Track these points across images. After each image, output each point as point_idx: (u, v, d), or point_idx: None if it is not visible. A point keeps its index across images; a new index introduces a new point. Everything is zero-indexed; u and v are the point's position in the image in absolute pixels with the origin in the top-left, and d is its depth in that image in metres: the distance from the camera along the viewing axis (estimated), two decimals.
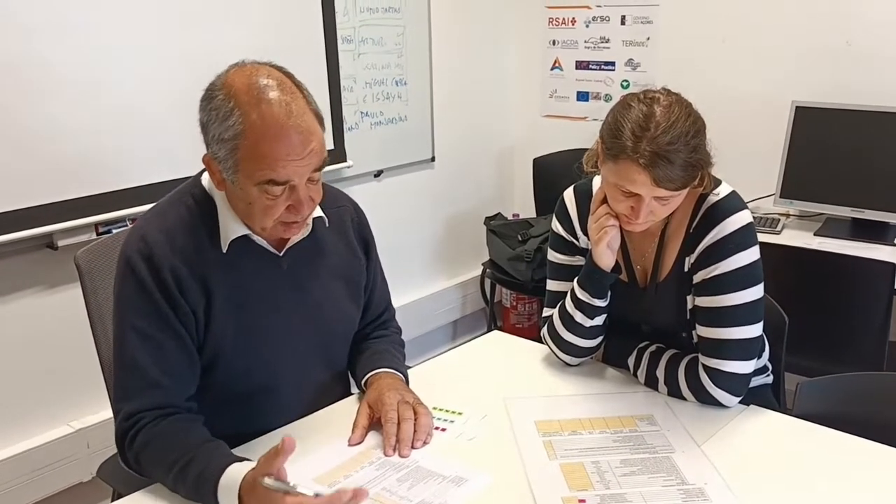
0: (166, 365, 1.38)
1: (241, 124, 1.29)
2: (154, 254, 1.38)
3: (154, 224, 1.42)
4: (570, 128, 3.72)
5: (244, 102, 1.29)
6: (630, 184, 1.46)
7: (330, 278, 1.58)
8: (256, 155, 1.29)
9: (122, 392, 1.40)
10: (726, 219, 1.54)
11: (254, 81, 1.31)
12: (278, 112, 1.29)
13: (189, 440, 1.33)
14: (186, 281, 1.39)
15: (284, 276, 1.50)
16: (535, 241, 3.35)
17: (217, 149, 1.33)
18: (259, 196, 1.33)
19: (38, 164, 2.22)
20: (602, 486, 1.31)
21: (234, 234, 1.43)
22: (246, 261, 1.45)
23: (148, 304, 1.37)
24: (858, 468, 1.37)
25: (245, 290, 1.45)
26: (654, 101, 1.45)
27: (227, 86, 1.32)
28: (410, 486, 1.31)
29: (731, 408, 1.55)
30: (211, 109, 1.32)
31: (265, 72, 1.35)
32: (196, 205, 1.44)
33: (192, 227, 1.42)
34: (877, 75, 2.85)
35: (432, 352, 1.92)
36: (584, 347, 1.70)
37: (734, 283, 1.53)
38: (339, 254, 1.60)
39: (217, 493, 1.23)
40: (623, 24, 3.49)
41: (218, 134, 1.31)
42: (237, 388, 1.48)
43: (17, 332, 2.33)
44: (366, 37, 3.10)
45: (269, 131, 1.29)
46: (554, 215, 1.76)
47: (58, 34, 2.21)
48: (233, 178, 1.34)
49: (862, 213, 2.73)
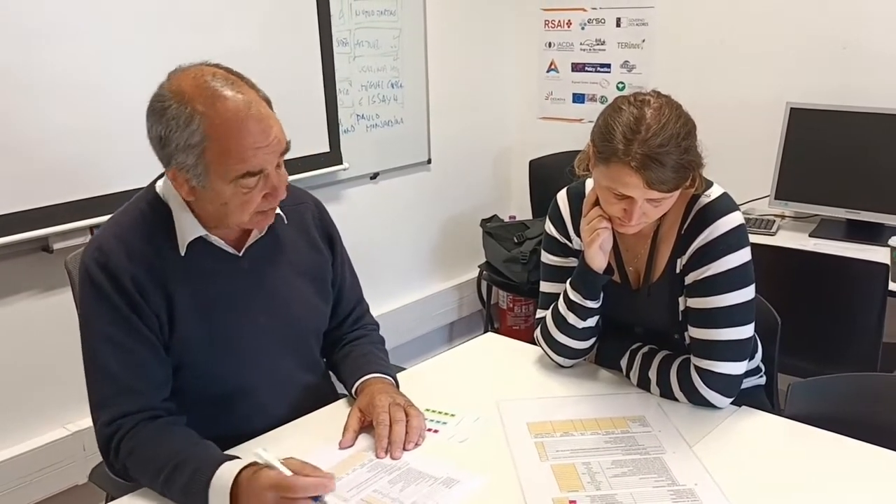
0: (137, 369, 1.39)
1: (204, 126, 1.30)
2: (110, 261, 1.38)
3: (109, 232, 1.43)
4: (566, 130, 3.73)
5: (200, 104, 1.30)
6: (622, 186, 1.46)
7: (293, 275, 1.58)
8: (226, 152, 1.31)
9: (97, 400, 1.41)
10: (717, 220, 1.54)
11: (202, 82, 1.32)
12: (235, 106, 1.31)
13: (174, 444, 1.34)
14: (146, 286, 1.39)
15: (246, 276, 1.50)
16: (531, 242, 3.35)
17: (184, 157, 1.32)
18: (235, 192, 1.35)
19: (33, 168, 2.23)
20: (593, 487, 1.31)
21: (192, 235, 1.43)
22: (205, 263, 1.45)
23: (111, 310, 1.38)
24: (850, 469, 1.37)
25: (207, 293, 1.45)
26: (644, 104, 1.45)
27: (177, 93, 1.32)
28: (402, 488, 1.31)
29: (722, 409, 1.56)
30: (168, 120, 1.32)
31: (209, 71, 1.36)
32: (151, 211, 1.45)
33: (147, 234, 1.42)
34: (871, 77, 2.86)
35: (429, 354, 1.92)
36: (577, 349, 1.70)
37: (725, 284, 1.53)
38: (301, 250, 1.60)
39: (209, 492, 1.24)
40: (618, 27, 3.49)
41: (183, 142, 1.31)
42: (212, 390, 1.48)
43: (12, 335, 2.33)
44: (361, 39, 3.10)
45: (233, 126, 1.30)
46: (547, 217, 1.77)
47: (51, 38, 2.22)
48: (203, 182, 1.34)
49: (856, 214, 2.74)
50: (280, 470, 1.24)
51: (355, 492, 1.31)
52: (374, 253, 3.31)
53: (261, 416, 1.51)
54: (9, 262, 2.30)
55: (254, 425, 1.50)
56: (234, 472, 1.25)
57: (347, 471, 1.37)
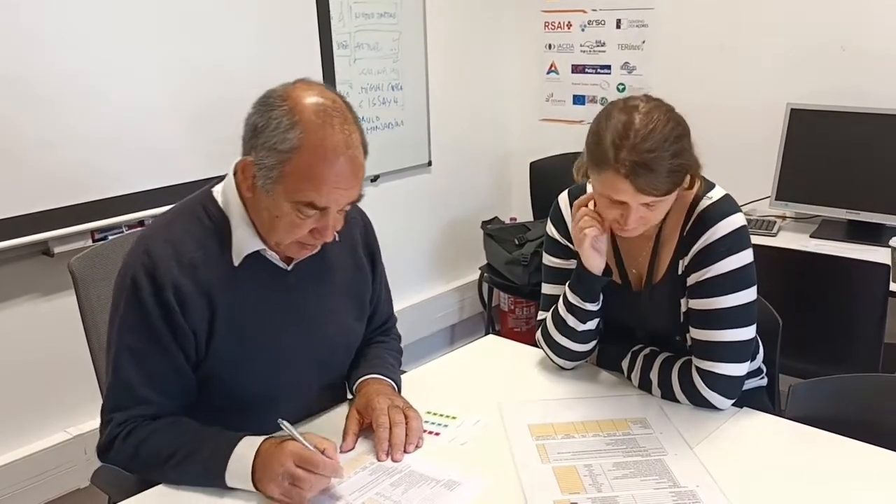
0: (158, 384, 1.39)
1: (301, 140, 1.28)
2: (158, 269, 1.35)
3: (160, 235, 1.40)
4: (567, 131, 3.73)
5: (309, 121, 1.29)
6: (615, 193, 1.46)
7: (335, 294, 1.57)
8: (306, 174, 1.29)
9: (112, 404, 1.41)
10: (719, 222, 1.54)
11: (321, 104, 1.31)
12: (339, 140, 1.30)
13: (192, 426, 1.39)
14: (189, 297, 1.37)
15: (290, 292, 1.48)
16: (531, 244, 3.35)
17: (264, 155, 1.31)
18: (290, 213, 1.33)
19: (34, 172, 2.23)
20: (594, 489, 1.31)
21: (249, 248, 1.41)
22: (254, 275, 1.43)
23: (145, 323, 1.36)
24: (851, 470, 1.37)
25: (251, 305, 1.43)
26: (633, 109, 1.45)
27: (292, 99, 1.31)
28: (404, 491, 1.32)
29: (724, 410, 1.56)
30: (272, 117, 1.30)
31: (331, 97, 1.34)
32: (208, 218, 1.42)
33: (201, 240, 1.40)
34: (871, 77, 2.86)
35: (431, 356, 1.92)
36: (578, 351, 1.70)
37: (727, 286, 1.53)
38: (346, 269, 1.59)
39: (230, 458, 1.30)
40: (618, 28, 3.50)
41: (272, 142, 1.29)
42: (234, 398, 1.47)
43: (13, 339, 2.34)
44: (361, 42, 3.11)
45: (325, 156, 1.29)
46: (549, 219, 1.77)
47: (50, 44, 2.22)
48: (269, 187, 1.32)
49: (857, 214, 2.74)
50: (302, 443, 1.29)
51: (357, 495, 1.31)
52: None
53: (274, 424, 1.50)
54: (10, 265, 2.30)
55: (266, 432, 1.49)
56: (258, 441, 1.31)
57: (349, 474, 1.36)
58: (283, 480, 1.27)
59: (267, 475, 1.28)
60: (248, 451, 1.31)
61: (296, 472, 1.26)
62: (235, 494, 1.32)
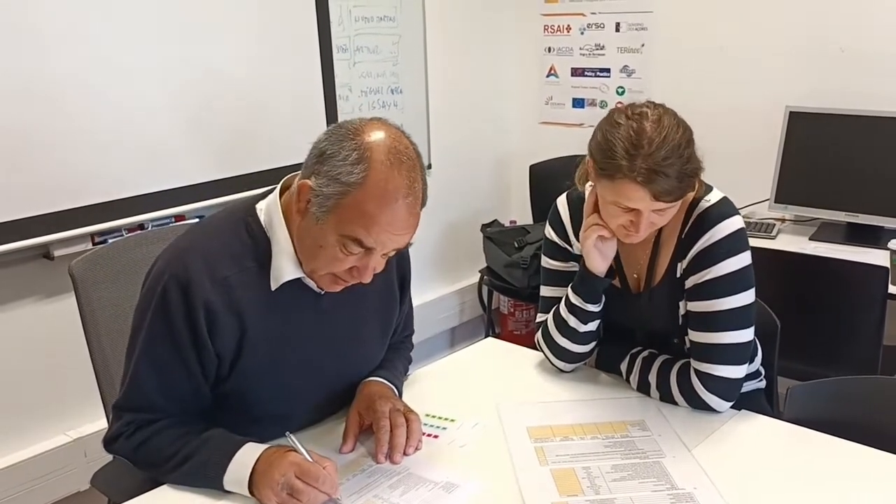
0: (174, 396, 1.40)
1: (365, 176, 1.27)
2: (192, 284, 1.33)
3: (199, 247, 1.38)
4: (567, 134, 3.73)
5: (377, 160, 1.28)
6: (628, 201, 1.46)
7: (366, 320, 1.56)
8: (362, 210, 1.28)
9: (125, 404, 1.41)
10: (717, 224, 1.55)
11: (394, 148, 1.30)
12: (402, 185, 1.29)
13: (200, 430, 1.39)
14: (220, 316, 1.35)
15: (322, 316, 1.47)
16: (531, 247, 3.36)
17: (325, 183, 1.29)
18: (334, 245, 1.31)
19: (34, 175, 2.24)
20: (592, 492, 1.31)
21: (289, 276, 1.39)
22: (287, 298, 1.41)
23: (170, 336, 1.35)
24: (850, 473, 1.37)
25: (282, 327, 1.42)
26: (642, 117, 1.45)
27: (366, 134, 1.31)
28: (402, 493, 1.32)
29: (722, 413, 1.56)
30: (342, 147, 1.29)
31: (405, 143, 1.34)
32: (249, 237, 1.40)
33: (239, 259, 1.38)
34: (870, 80, 2.86)
35: (430, 359, 1.92)
36: (577, 353, 1.71)
37: (725, 288, 1.54)
38: (378, 295, 1.57)
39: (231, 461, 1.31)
40: (618, 31, 3.50)
41: (336, 172, 1.28)
42: (250, 415, 1.46)
43: (13, 342, 2.34)
44: (361, 45, 3.12)
45: (385, 198, 1.28)
46: (547, 222, 1.77)
47: (52, 46, 2.23)
48: (321, 215, 1.30)
49: (856, 217, 2.74)
50: (306, 456, 1.31)
51: (356, 497, 1.31)
52: None
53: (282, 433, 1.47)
54: (10, 268, 2.30)
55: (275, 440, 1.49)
56: (261, 448, 1.33)
57: (348, 476, 1.37)
58: (282, 490, 1.26)
59: (265, 482, 1.28)
60: (249, 457, 1.32)
61: (295, 484, 1.26)
62: (234, 499, 1.32)
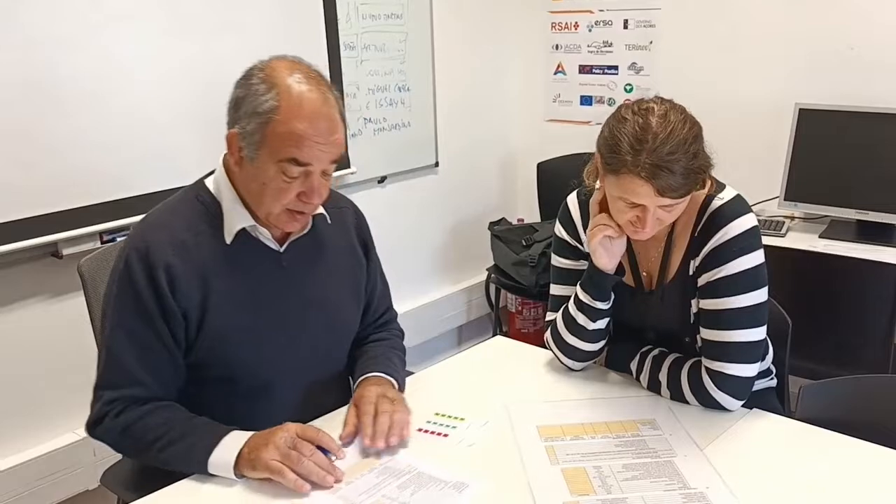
0: (150, 363, 1.43)
1: (278, 100, 1.36)
2: (151, 250, 1.41)
3: (155, 221, 1.48)
4: (574, 132, 3.72)
5: (283, 83, 1.37)
6: (633, 196, 1.46)
7: (330, 276, 1.60)
8: (286, 131, 1.36)
9: (104, 381, 1.45)
10: (731, 222, 1.54)
11: (294, 69, 1.40)
12: (315, 98, 1.38)
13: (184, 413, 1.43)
14: (181, 277, 1.42)
15: (284, 272, 1.52)
16: (539, 245, 3.34)
17: (247, 122, 1.38)
18: (276, 176, 1.38)
19: (42, 174, 2.23)
20: (604, 491, 1.30)
21: (240, 224, 1.46)
22: (247, 255, 1.48)
23: (137, 302, 1.41)
24: (862, 471, 1.36)
25: (244, 286, 1.48)
26: (648, 112, 1.45)
27: (269, 68, 1.40)
28: (412, 493, 1.31)
29: (733, 411, 1.55)
30: (250, 85, 1.39)
31: (305, 66, 1.43)
32: (200, 203, 1.48)
33: (192, 222, 1.46)
34: (880, 77, 2.84)
35: (438, 357, 1.92)
36: (587, 351, 1.70)
37: (738, 286, 1.53)
38: (340, 252, 1.63)
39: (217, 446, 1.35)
40: (626, 28, 3.49)
41: (252, 107, 1.37)
42: (232, 385, 1.50)
43: (22, 341, 2.34)
44: (368, 43, 3.11)
45: (303, 111, 1.36)
46: (557, 220, 1.76)
47: (58, 47, 2.23)
48: (254, 154, 1.39)
49: (866, 215, 2.72)
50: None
51: (365, 497, 1.31)
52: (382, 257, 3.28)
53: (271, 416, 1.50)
54: (19, 267, 2.31)
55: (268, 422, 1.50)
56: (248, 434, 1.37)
57: (356, 476, 1.36)
58: (285, 444, 1.32)
59: (264, 440, 1.33)
60: (236, 441, 1.36)
61: (298, 440, 1.33)
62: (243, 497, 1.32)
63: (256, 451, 1.33)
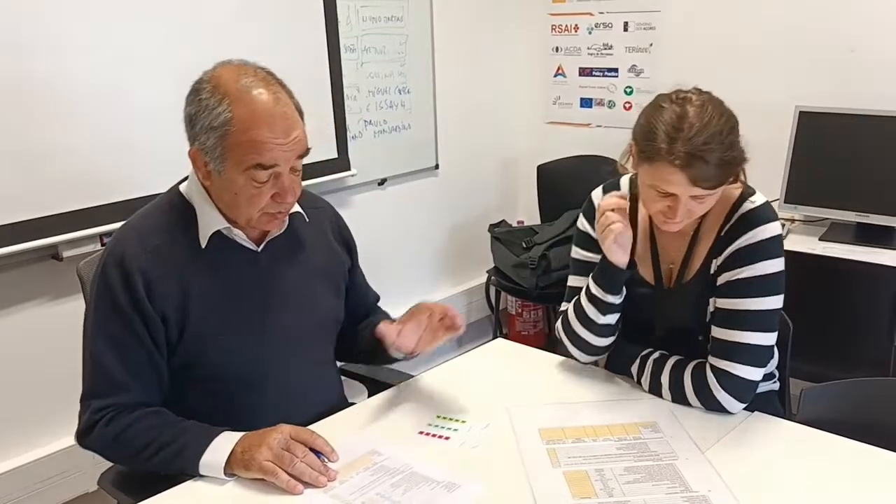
0: (132, 368, 1.44)
1: (231, 111, 1.35)
2: (126, 256, 1.42)
3: (130, 228, 1.49)
4: (574, 134, 3.72)
5: (233, 92, 1.36)
6: (666, 185, 1.46)
7: (309, 274, 1.61)
8: (245, 140, 1.35)
9: (90, 389, 1.47)
10: (760, 226, 1.55)
11: (241, 74, 1.39)
12: (266, 100, 1.37)
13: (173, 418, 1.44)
14: (157, 282, 1.42)
15: (262, 271, 1.53)
16: (539, 248, 3.34)
17: (205, 138, 1.38)
18: (245, 184, 1.39)
19: (42, 176, 2.23)
20: (605, 494, 1.30)
21: (214, 227, 1.46)
22: (223, 257, 1.49)
23: (115, 307, 1.42)
24: (864, 474, 1.36)
25: (223, 287, 1.48)
26: (686, 102, 1.46)
27: (214, 78, 1.39)
28: (404, 492, 1.32)
29: (735, 414, 1.55)
30: (200, 101, 1.38)
31: (251, 68, 1.43)
32: (172, 208, 1.49)
33: (167, 227, 1.47)
34: (880, 79, 2.84)
35: (438, 360, 1.92)
36: (595, 345, 1.70)
37: (756, 289, 1.54)
38: (318, 250, 1.63)
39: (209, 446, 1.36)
40: (626, 31, 3.49)
41: (207, 123, 1.36)
42: (218, 387, 1.51)
43: (22, 343, 2.34)
44: (368, 46, 3.11)
45: (257, 117, 1.35)
46: (581, 213, 1.78)
47: (61, 48, 2.23)
48: (220, 167, 1.39)
49: (867, 217, 2.72)
50: None
51: (358, 495, 1.31)
52: (382, 259, 3.30)
53: (264, 415, 1.50)
54: (19, 269, 2.30)
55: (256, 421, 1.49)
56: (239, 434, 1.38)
57: (351, 474, 1.37)
58: (278, 445, 1.32)
59: (258, 441, 1.34)
60: (227, 442, 1.37)
61: (291, 441, 1.34)
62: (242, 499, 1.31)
63: (250, 451, 1.34)
